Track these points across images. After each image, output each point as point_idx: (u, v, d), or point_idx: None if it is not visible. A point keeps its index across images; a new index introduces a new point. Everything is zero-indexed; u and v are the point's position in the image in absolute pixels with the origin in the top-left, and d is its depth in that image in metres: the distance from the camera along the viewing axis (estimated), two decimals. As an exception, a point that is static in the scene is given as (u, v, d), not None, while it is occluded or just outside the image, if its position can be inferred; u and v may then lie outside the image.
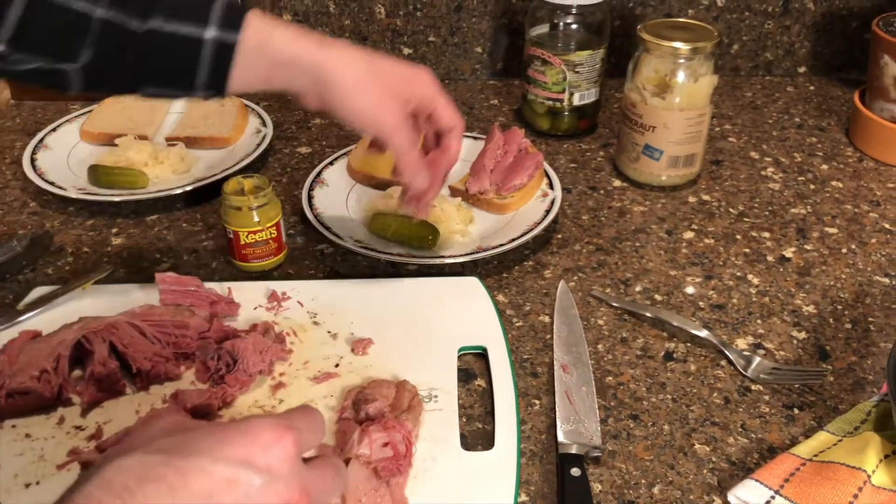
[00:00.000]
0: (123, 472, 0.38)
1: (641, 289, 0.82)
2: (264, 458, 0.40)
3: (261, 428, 0.42)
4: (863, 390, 0.70)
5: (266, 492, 0.40)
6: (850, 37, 1.24)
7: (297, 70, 0.64)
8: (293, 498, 0.41)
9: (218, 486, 0.39)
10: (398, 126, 0.68)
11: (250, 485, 0.39)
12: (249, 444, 0.41)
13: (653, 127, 0.94)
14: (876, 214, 0.93)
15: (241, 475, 0.39)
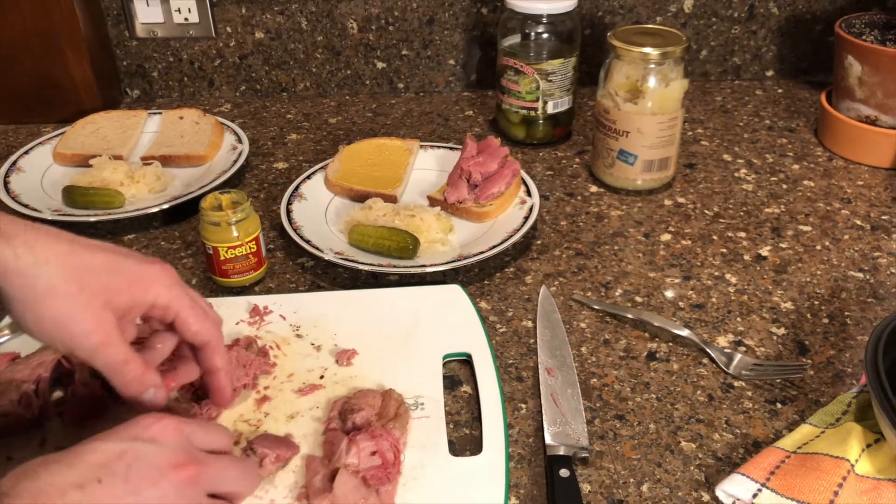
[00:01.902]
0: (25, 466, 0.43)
1: (622, 291, 0.82)
2: (148, 433, 0.47)
3: (145, 416, 0.48)
4: (842, 382, 0.71)
5: (154, 455, 0.46)
6: (815, 40, 1.27)
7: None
8: (180, 459, 0.47)
9: (110, 455, 0.44)
10: (103, 344, 0.53)
11: (139, 451, 0.45)
12: (133, 426, 0.47)
13: (626, 132, 0.95)
14: (847, 211, 0.95)
15: (130, 446, 0.46)
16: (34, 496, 0.41)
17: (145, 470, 0.45)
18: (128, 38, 1.23)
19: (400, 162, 1.01)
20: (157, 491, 0.45)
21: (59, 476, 0.42)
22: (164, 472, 0.46)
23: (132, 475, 0.44)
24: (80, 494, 0.42)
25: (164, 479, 0.45)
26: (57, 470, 0.42)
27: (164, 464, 0.46)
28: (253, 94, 1.28)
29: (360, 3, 1.21)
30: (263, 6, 1.20)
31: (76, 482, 0.42)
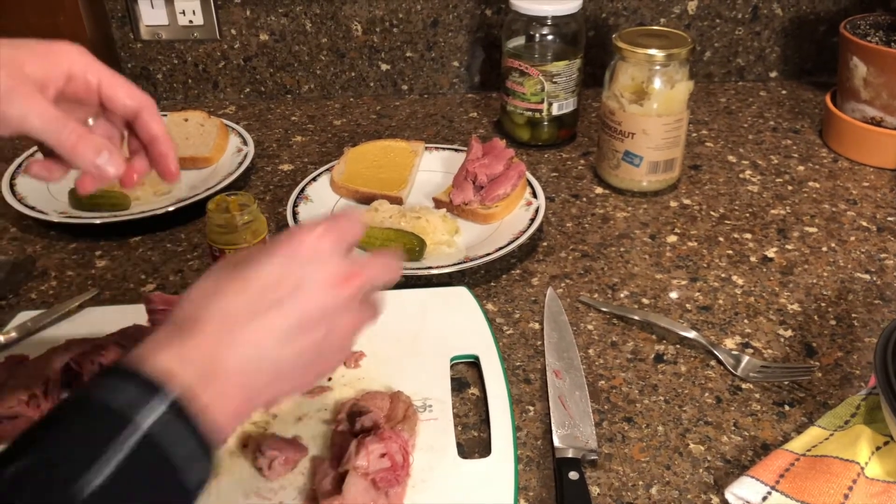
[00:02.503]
0: (202, 287, 0.46)
1: (628, 293, 0.82)
2: (309, 249, 0.48)
3: (301, 229, 0.49)
4: (850, 385, 0.71)
5: (318, 274, 0.47)
6: (819, 41, 1.27)
7: None
8: (342, 272, 0.48)
9: (278, 276, 0.46)
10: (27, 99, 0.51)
11: (303, 270, 0.47)
12: (296, 243, 0.48)
13: (632, 133, 0.95)
14: (853, 213, 0.95)
15: (294, 265, 0.47)
16: (221, 318, 0.44)
17: (313, 291, 0.47)
18: (132, 40, 1.23)
19: (405, 164, 1.01)
20: (330, 310, 0.48)
21: (237, 301, 0.45)
22: (329, 289, 0.48)
23: (301, 298, 0.46)
24: (261, 318, 0.45)
25: (333, 298, 0.48)
26: (233, 289, 0.45)
27: (330, 282, 0.48)
28: (257, 97, 1.28)
29: (365, 5, 1.21)
30: (268, 8, 1.20)
31: (256, 307, 0.45)
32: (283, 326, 0.45)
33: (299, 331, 0.46)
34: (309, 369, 0.48)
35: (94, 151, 0.54)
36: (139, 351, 0.42)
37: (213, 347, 0.43)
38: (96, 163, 0.54)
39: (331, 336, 0.48)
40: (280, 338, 0.45)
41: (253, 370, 0.44)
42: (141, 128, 0.58)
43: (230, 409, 0.43)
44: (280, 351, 0.45)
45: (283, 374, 0.46)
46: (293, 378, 0.47)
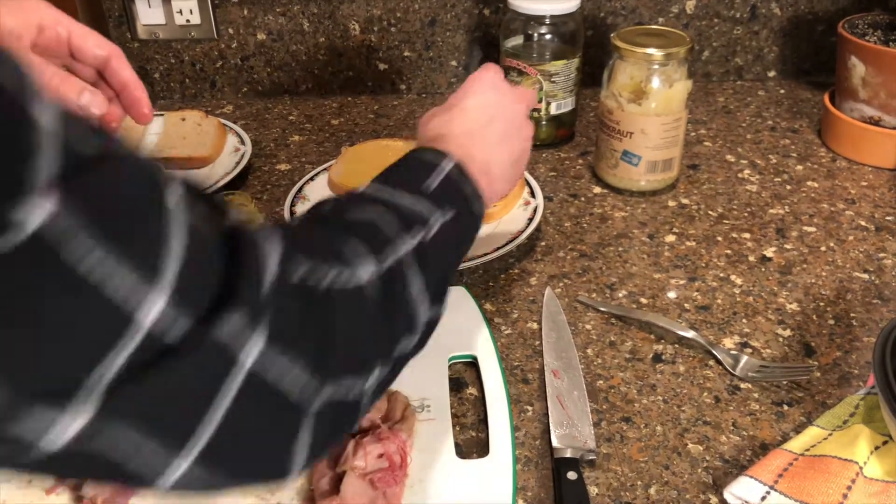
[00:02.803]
0: (435, 121, 0.63)
1: (627, 293, 0.82)
2: (490, 83, 0.66)
3: (478, 73, 0.68)
4: (849, 384, 0.71)
5: (504, 99, 0.66)
6: (817, 40, 1.27)
7: None
8: (517, 96, 0.67)
9: (482, 103, 0.64)
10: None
11: (495, 97, 0.65)
12: (479, 81, 0.66)
13: (630, 133, 0.95)
14: (852, 212, 0.95)
15: (489, 95, 0.65)
16: (461, 133, 0.61)
17: (507, 109, 0.65)
18: (129, 39, 1.22)
19: (403, 163, 1.01)
20: (519, 121, 0.67)
21: (466, 123, 0.62)
22: (517, 105, 0.67)
23: (504, 115, 0.65)
24: (483, 131, 0.62)
25: (519, 112, 0.67)
26: (461, 119, 0.62)
27: (516, 100, 0.67)
28: (255, 96, 1.28)
29: (362, 5, 1.21)
30: (265, 8, 1.20)
31: (479, 124, 0.62)
32: (498, 132, 0.63)
33: (508, 135, 0.64)
34: (515, 165, 0.65)
35: (77, 92, 0.58)
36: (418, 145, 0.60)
37: (463, 150, 0.58)
38: (80, 102, 0.58)
39: (522, 139, 0.67)
40: (498, 140, 0.63)
41: (489, 163, 0.60)
42: (112, 75, 0.62)
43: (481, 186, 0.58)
44: (500, 150, 0.63)
45: (504, 168, 0.63)
46: (509, 170, 0.64)
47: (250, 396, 0.34)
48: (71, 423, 0.29)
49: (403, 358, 0.47)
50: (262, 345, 0.34)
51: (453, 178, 0.55)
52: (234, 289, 0.33)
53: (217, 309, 0.32)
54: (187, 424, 0.32)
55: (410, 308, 0.47)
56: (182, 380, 0.31)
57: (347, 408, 0.41)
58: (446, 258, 0.53)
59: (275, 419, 0.36)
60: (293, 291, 0.37)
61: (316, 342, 0.37)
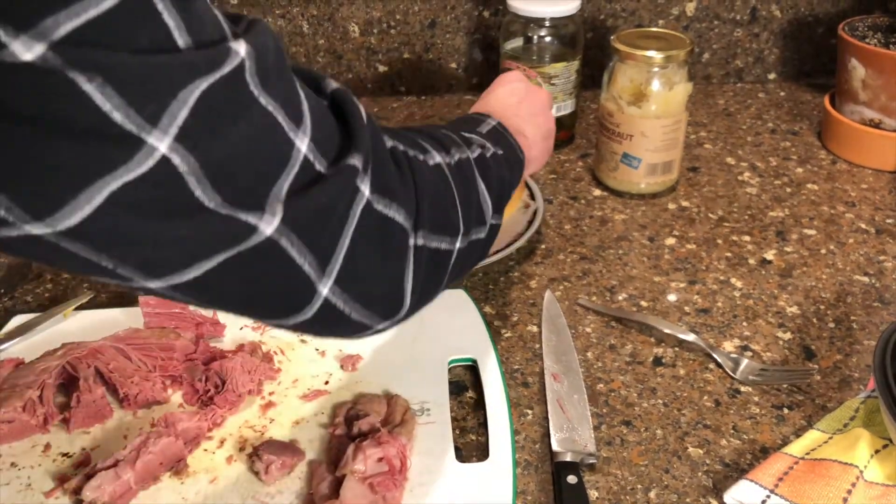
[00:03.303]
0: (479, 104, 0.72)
1: (627, 296, 0.82)
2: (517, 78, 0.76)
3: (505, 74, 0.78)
4: (850, 388, 0.71)
5: (529, 89, 0.75)
6: (817, 42, 1.27)
7: None
8: (535, 88, 0.76)
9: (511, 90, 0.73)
10: None
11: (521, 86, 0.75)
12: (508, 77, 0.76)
13: (630, 135, 0.95)
14: (852, 215, 0.95)
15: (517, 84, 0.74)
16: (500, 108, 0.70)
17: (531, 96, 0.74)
18: (129, 41, 1.22)
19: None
20: (543, 105, 0.75)
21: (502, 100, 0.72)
22: (539, 96, 0.75)
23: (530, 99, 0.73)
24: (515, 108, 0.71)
25: (542, 99, 0.75)
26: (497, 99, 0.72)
27: (535, 92, 0.75)
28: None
29: (362, 7, 1.21)
30: (265, 10, 1.20)
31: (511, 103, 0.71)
32: (527, 109, 0.72)
33: (536, 113, 0.73)
34: (544, 139, 0.73)
35: None
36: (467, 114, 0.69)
37: (500, 117, 0.67)
38: None
39: (548, 120, 0.75)
40: (528, 115, 0.71)
41: (522, 129, 0.68)
42: None
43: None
44: (532, 122, 0.71)
45: (537, 137, 0.71)
46: (541, 143, 0.72)
47: (368, 221, 0.42)
48: (267, 225, 0.37)
49: (477, 245, 0.55)
50: (369, 184, 0.42)
51: (499, 129, 0.64)
52: (349, 142, 0.42)
53: (340, 155, 0.41)
54: (331, 241, 0.40)
55: (480, 199, 0.54)
56: (327, 198, 0.39)
57: (440, 256, 0.49)
58: (502, 178, 0.59)
59: (386, 245, 0.44)
60: (387, 152, 0.46)
61: (407, 195, 0.45)
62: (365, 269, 0.43)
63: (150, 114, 0.31)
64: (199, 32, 0.33)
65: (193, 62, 0.33)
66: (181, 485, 0.61)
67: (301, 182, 0.38)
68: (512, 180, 0.62)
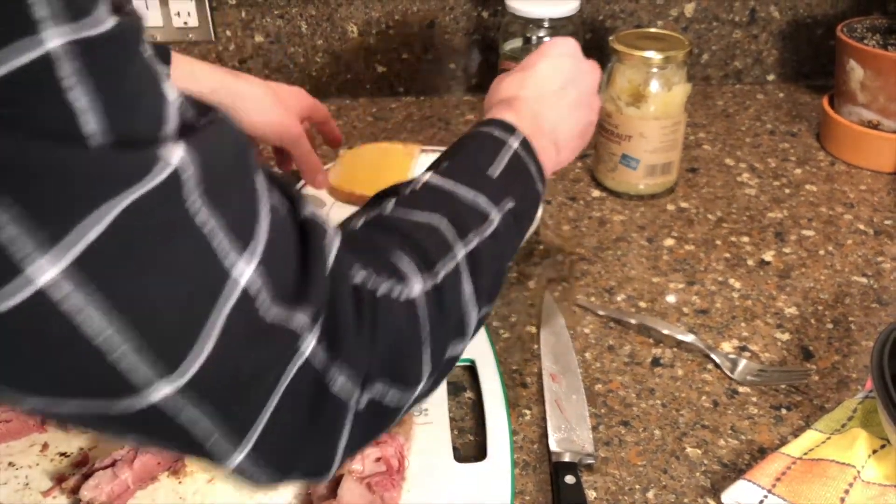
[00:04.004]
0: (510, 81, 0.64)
1: (625, 296, 0.82)
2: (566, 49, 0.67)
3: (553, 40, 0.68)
4: (847, 388, 0.71)
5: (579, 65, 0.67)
6: (816, 44, 1.27)
7: (217, 97, 0.74)
8: (592, 64, 0.68)
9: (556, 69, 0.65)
10: (300, 136, 0.84)
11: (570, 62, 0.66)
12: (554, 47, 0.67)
13: (629, 136, 0.95)
14: (850, 216, 0.95)
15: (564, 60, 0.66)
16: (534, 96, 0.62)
17: (581, 77, 0.66)
18: (128, 41, 1.22)
19: (401, 166, 1.01)
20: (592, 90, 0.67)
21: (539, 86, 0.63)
22: (589, 75, 0.67)
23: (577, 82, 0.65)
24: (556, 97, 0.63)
25: (593, 81, 0.68)
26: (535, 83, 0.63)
27: (589, 70, 0.67)
28: (253, 98, 1.28)
29: (361, 7, 1.21)
30: (263, 10, 1.20)
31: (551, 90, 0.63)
32: (570, 100, 0.64)
33: (579, 102, 0.65)
34: (582, 135, 0.66)
35: (318, 170, 0.89)
36: (488, 115, 0.60)
37: (534, 114, 0.60)
38: (316, 178, 0.89)
39: (592, 110, 0.67)
40: (569, 107, 0.64)
41: (557, 132, 0.62)
42: (322, 129, 0.94)
43: (547, 159, 0.60)
44: (570, 117, 0.64)
45: (572, 136, 0.64)
46: (576, 140, 0.65)
47: (302, 385, 0.36)
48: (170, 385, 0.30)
49: (452, 361, 0.49)
50: (315, 340, 0.36)
51: (520, 156, 0.56)
52: (304, 281, 0.36)
53: (290, 298, 0.34)
54: (249, 414, 0.34)
55: (461, 315, 0.48)
56: (254, 367, 0.33)
57: (387, 411, 0.42)
58: (502, 255, 0.53)
59: (321, 410, 0.38)
60: (350, 295, 0.39)
61: (360, 349, 0.39)
62: (290, 438, 0.37)
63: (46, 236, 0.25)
64: (124, 123, 0.27)
65: (103, 169, 0.26)
66: (179, 484, 0.61)
67: (234, 324, 0.31)
68: (519, 239, 0.57)
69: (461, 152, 0.56)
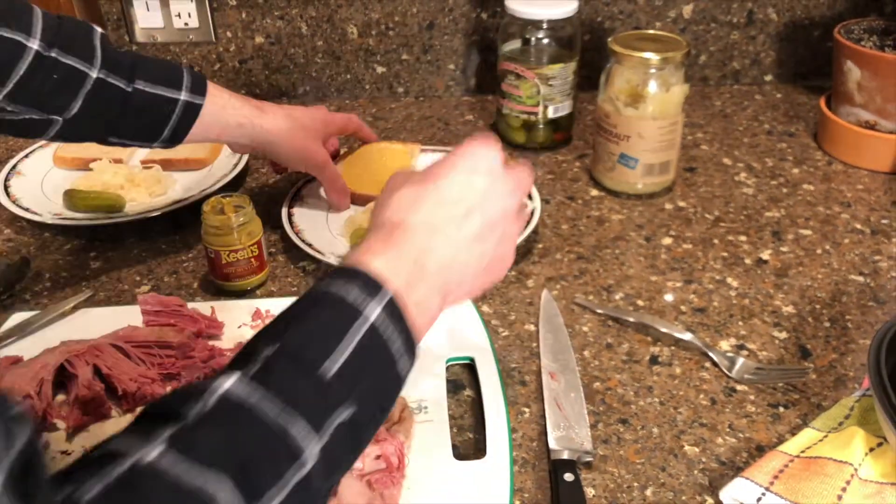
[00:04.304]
0: (403, 198, 0.52)
1: (623, 295, 0.83)
2: (484, 165, 0.55)
3: (474, 146, 0.55)
4: (844, 387, 0.71)
5: (495, 186, 0.54)
6: (813, 45, 1.27)
7: (243, 131, 0.82)
8: (511, 187, 0.56)
9: (464, 190, 0.53)
10: (325, 162, 0.88)
11: (483, 184, 0.54)
12: (470, 158, 0.54)
13: (627, 136, 0.95)
14: (847, 215, 0.95)
15: (476, 179, 0.54)
16: (426, 227, 0.51)
17: (493, 202, 0.54)
18: (128, 42, 1.23)
19: (401, 166, 1.01)
20: (504, 218, 0.55)
21: (437, 213, 0.52)
22: (506, 197, 0.56)
23: (485, 209, 0.54)
24: (456, 227, 0.52)
25: (506, 207, 0.55)
26: (430, 200, 0.52)
27: (507, 191, 0.56)
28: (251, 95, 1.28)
29: (361, 8, 1.21)
30: (264, 11, 1.21)
31: (451, 217, 0.52)
32: (472, 231, 0.53)
33: (483, 235, 0.53)
34: (487, 272, 0.55)
35: (346, 194, 0.92)
36: (356, 254, 0.49)
37: (420, 251, 0.50)
38: (342, 202, 0.92)
39: (503, 240, 0.56)
40: (469, 240, 0.53)
41: (448, 272, 0.51)
42: (358, 136, 1.00)
43: (427, 313, 0.50)
44: (469, 253, 0.53)
45: (469, 275, 0.53)
46: (475, 279, 0.55)
47: None
48: None
49: None
50: None
51: (377, 333, 0.44)
52: None
53: None
54: None
55: None
56: None
57: None
58: (334, 475, 0.42)
59: None
60: None
61: None
62: None
63: None
64: None
65: None
66: (179, 482, 0.61)
67: None
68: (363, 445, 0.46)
69: (295, 331, 0.43)
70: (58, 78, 0.68)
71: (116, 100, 0.73)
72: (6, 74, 0.66)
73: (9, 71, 0.66)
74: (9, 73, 0.66)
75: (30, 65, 0.66)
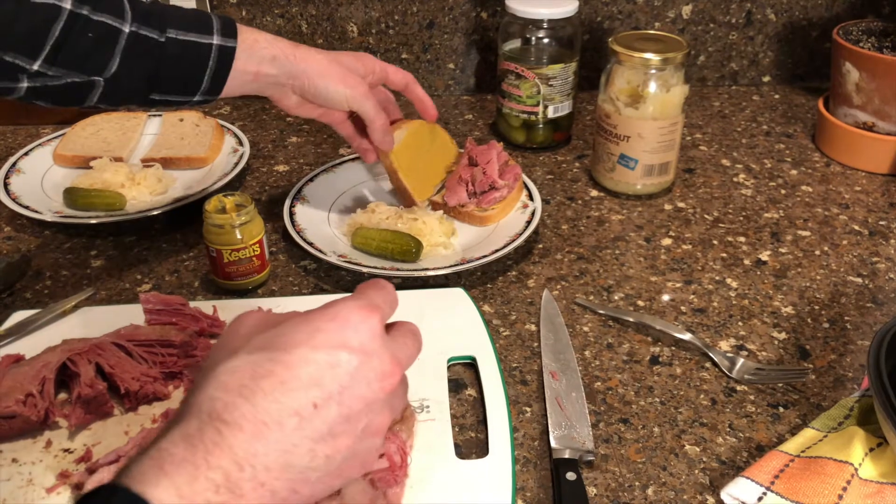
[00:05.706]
0: (236, 372, 0.42)
1: (623, 295, 0.83)
2: (357, 339, 0.44)
3: (348, 311, 0.45)
4: (844, 387, 0.71)
5: (364, 369, 0.44)
6: (812, 46, 1.28)
7: (278, 64, 0.78)
8: (387, 369, 0.45)
9: (323, 371, 0.43)
10: (366, 94, 0.82)
11: (350, 365, 0.44)
12: (341, 328, 0.44)
13: (627, 137, 0.96)
14: (845, 217, 0.96)
15: (342, 358, 0.43)
16: (254, 424, 0.40)
17: (357, 388, 0.44)
18: (127, 39, 1.22)
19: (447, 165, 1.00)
20: (369, 408, 0.45)
21: (275, 402, 0.41)
22: (374, 386, 0.45)
23: (345, 397, 0.43)
24: (298, 421, 0.41)
25: (375, 395, 0.45)
26: (270, 386, 0.41)
27: (374, 377, 0.45)
28: (252, 97, 1.28)
29: (361, 7, 1.21)
30: (264, 9, 1.21)
31: (294, 409, 0.41)
32: (321, 428, 0.42)
33: (336, 431, 0.43)
34: (337, 474, 0.44)
35: (386, 131, 0.87)
36: (140, 468, 0.39)
37: (231, 466, 0.39)
38: (384, 139, 0.87)
39: (366, 435, 0.45)
40: (314, 440, 0.42)
41: (275, 482, 0.41)
42: (409, 93, 0.92)
43: None
44: (311, 456, 0.42)
45: (309, 481, 0.42)
46: (316, 485, 0.43)
47: None
48: None
49: None
50: None
51: None
52: None
53: None
54: None
55: None
56: None
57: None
58: None
59: None
60: None
61: None
62: None
63: None
64: None
65: None
66: (182, 480, 0.61)
67: None
68: None
69: None
70: (93, 36, 0.68)
71: (152, 52, 0.71)
72: (43, 37, 0.66)
73: (45, 33, 0.65)
74: (45, 35, 0.65)
75: (64, 24, 0.66)
